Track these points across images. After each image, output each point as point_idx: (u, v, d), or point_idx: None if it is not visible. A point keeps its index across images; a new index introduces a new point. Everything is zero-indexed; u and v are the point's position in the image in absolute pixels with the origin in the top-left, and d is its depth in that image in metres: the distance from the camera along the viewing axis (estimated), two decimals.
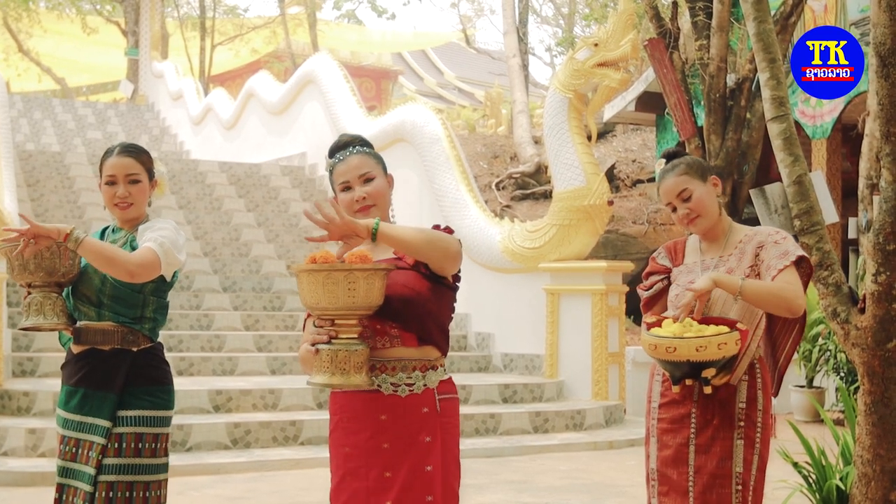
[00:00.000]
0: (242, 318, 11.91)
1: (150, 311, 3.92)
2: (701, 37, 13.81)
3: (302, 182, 17.06)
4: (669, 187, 3.93)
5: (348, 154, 3.37)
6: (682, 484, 3.83)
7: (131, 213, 3.98)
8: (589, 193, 10.88)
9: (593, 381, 10.85)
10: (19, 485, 7.50)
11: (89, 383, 3.88)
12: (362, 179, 3.33)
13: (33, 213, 13.69)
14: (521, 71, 22.78)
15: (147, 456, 3.86)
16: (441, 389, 3.29)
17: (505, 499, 7.29)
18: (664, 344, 3.63)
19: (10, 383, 9.23)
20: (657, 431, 3.93)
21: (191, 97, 23.60)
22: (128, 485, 3.81)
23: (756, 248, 3.90)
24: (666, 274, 4.06)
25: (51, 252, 3.75)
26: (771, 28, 5.18)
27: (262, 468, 8.26)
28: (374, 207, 3.31)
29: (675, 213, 3.94)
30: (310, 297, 3.00)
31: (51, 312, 3.80)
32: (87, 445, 3.84)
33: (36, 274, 3.77)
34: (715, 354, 3.60)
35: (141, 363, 3.90)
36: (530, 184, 19.24)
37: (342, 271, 2.96)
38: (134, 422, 3.85)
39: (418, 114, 13.79)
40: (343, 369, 3.01)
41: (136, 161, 3.98)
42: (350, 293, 2.98)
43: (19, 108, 24.51)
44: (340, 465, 3.25)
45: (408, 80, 45.95)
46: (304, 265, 2.99)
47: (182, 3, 35.61)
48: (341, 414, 3.26)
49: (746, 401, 3.85)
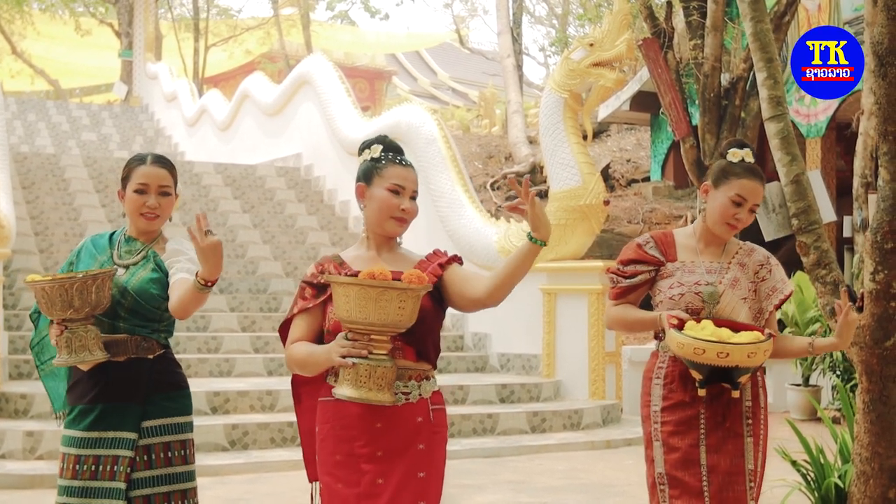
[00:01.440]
0: (239, 320, 11.90)
1: (166, 321, 3.89)
2: (695, 36, 13.84)
3: (297, 183, 17.05)
4: (752, 191, 3.85)
5: (407, 164, 3.41)
6: (696, 485, 3.80)
7: (156, 225, 3.90)
8: (585, 193, 10.89)
9: (590, 380, 10.86)
10: (17, 487, 7.49)
11: (108, 398, 3.78)
12: (413, 194, 3.38)
13: (29, 215, 13.68)
14: (515, 71, 22.81)
15: (179, 464, 3.80)
16: (433, 400, 3.35)
17: (503, 499, 7.30)
18: (715, 349, 3.57)
19: (8, 386, 9.22)
20: (662, 435, 3.87)
21: (185, 98, 23.57)
22: (165, 496, 3.75)
23: (757, 265, 3.93)
24: (656, 267, 3.96)
25: (77, 289, 3.61)
26: (768, 28, 5.21)
27: (260, 469, 8.25)
28: (405, 223, 3.39)
29: (735, 212, 3.84)
30: (357, 311, 3.01)
31: (95, 346, 3.68)
32: (111, 461, 3.74)
33: (65, 311, 3.63)
34: (758, 361, 3.62)
35: (159, 369, 3.84)
36: None
37: (397, 290, 3.01)
38: (159, 431, 3.79)
39: (414, 114, 13.80)
40: (380, 385, 3.06)
41: (169, 173, 3.89)
42: (399, 311, 3.03)
43: (13, 109, 24.49)
44: (331, 472, 3.27)
45: (402, 81, 45.98)
46: (357, 279, 3.02)
47: (175, 5, 35.63)
48: (333, 422, 3.27)
49: (751, 399, 3.87)
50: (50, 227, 13.51)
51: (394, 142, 3.47)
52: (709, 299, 3.82)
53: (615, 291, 4.02)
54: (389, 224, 3.34)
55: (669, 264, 3.95)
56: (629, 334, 12.08)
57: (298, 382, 3.50)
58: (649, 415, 3.92)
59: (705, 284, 3.85)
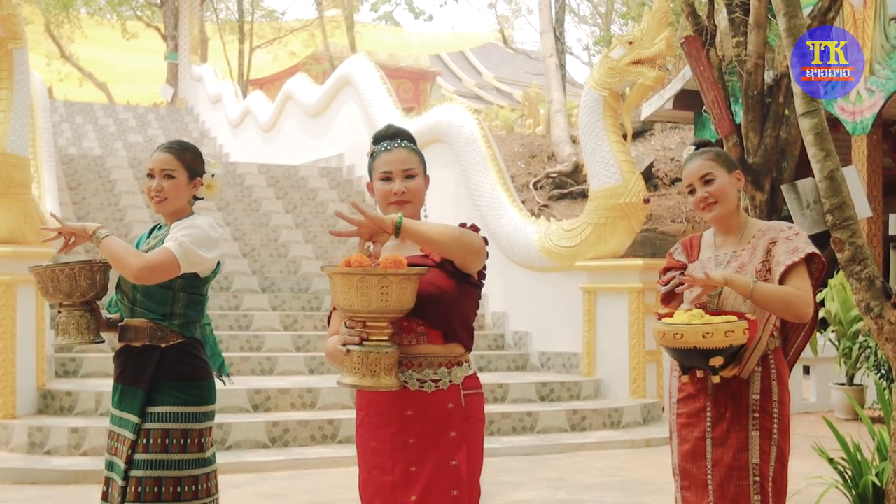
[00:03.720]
0: (281, 319, 12.00)
1: (181, 307, 3.95)
2: (738, 33, 13.74)
3: (339, 183, 17.15)
4: (693, 169, 3.96)
5: (396, 146, 3.39)
6: (702, 477, 3.86)
7: (166, 208, 4.01)
8: (625, 192, 10.87)
9: (631, 379, 10.83)
10: (63, 483, 7.62)
11: (124, 379, 3.97)
12: (404, 174, 3.35)
13: (75, 215, 13.87)
14: (557, 70, 22.75)
15: (175, 451, 3.87)
16: (466, 385, 3.31)
17: (541, 496, 7.31)
18: (672, 331, 3.65)
19: (53, 383, 9.37)
20: (676, 426, 3.97)
21: (229, 100, 23.77)
22: (156, 480, 3.83)
23: (768, 243, 3.91)
24: (682, 269, 4.04)
25: (65, 275, 3.86)
26: (802, 23, 5.17)
27: (299, 466, 8.33)
28: (409, 204, 3.34)
29: (692, 195, 3.96)
30: (343, 299, 3.03)
31: (74, 331, 3.93)
32: (122, 440, 3.92)
33: (56, 296, 3.91)
34: (722, 342, 3.61)
35: (169, 359, 3.92)
36: (568, 183, 19.22)
37: (376, 275, 2.99)
38: (160, 418, 3.88)
39: (455, 114, 13.83)
40: (374, 371, 3.05)
41: (175, 157, 4.02)
42: (383, 297, 3.01)
43: (62, 112, 24.83)
44: (367, 459, 3.30)
45: (446, 81, 46.02)
46: (337, 267, 3.02)
47: (221, 8, 35.92)
48: (368, 409, 3.30)
49: (760, 392, 3.85)
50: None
51: (388, 131, 3.45)
52: (711, 292, 3.86)
53: (661, 299, 4.14)
54: (391, 210, 3.32)
55: (690, 265, 4.05)
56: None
57: None
58: (670, 406, 4.04)
59: None
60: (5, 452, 8.34)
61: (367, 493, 3.28)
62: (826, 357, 11.46)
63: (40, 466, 7.82)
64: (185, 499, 3.88)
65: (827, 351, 11.28)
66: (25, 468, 7.80)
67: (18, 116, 9.06)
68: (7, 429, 8.46)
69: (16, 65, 9.12)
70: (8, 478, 7.72)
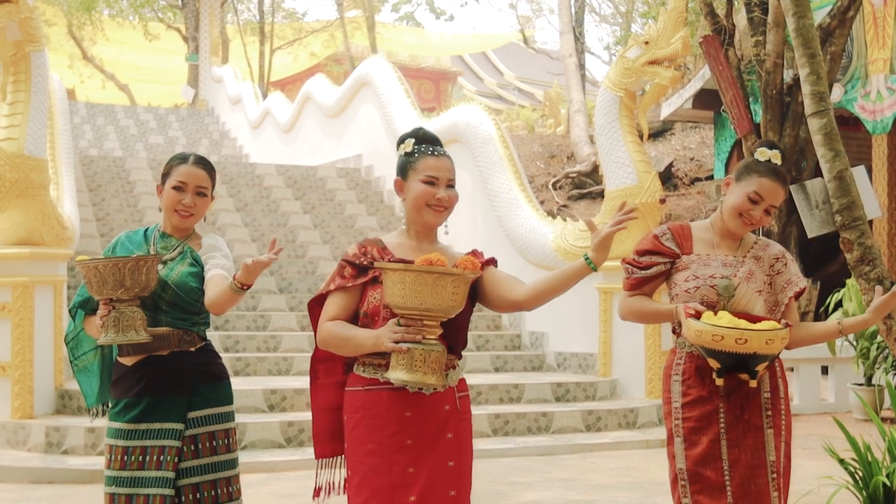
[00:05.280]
0: (298, 319, 12.04)
1: (204, 314, 4.01)
2: (757, 33, 13.71)
3: (358, 184, 17.19)
4: (772, 192, 3.85)
5: (442, 153, 3.48)
6: (718, 480, 3.81)
7: (189, 223, 4.03)
8: (641, 192, 10.84)
9: (647, 379, 10.80)
10: (79, 482, 7.68)
11: (155, 391, 3.90)
12: (448, 183, 3.44)
13: (95, 217, 13.96)
14: (577, 70, 22.75)
15: (223, 452, 3.95)
16: (459, 388, 3.42)
17: (553, 496, 7.30)
18: (734, 335, 3.55)
19: (71, 383, 9.43)
20: (683, 431, 3.87)
21: (249, 101, 23.85)
22: (212, 483, 3.90)
23: (773, 258, 3.94)
24: (672, 259, 3.94)
25: (129, 268, 3.72)
26: (811, 23, 5.16)
27: (314, 466, 8.31)
28: (446, 211, 3.44)
29: (750, 208, 3.84)
30: (413, 297, 3.07)
31: (128, 328, 3.75)
32: (157, 451, 3.86)
33: (116, 290, 3.72)
34: (777, 348, 3.62)
35: (201, 361, 3.97)
36: (587, 183, 19.22)
37: (452, 276, 3.08)
38: (204, 422, 3.93)
39: (472, 114, 13.84)
40: (433, 369, 3.11)
41: (208, 175, 4.03)
42: (453, 297, 3.11)
43: (83, 114, 24.96)
44: (362, 462, 3.32)
45: (467, 82, 46.06)
46: (422, 266, 3.08)
47: (242, 9, 36.05)
48: (363, 411, 3.33)
49: (770, 390, 3.87)
50: (115, 228, 13.76)
51: (428, 133, 3.53)
52: (724, 292, 3.81)
53: (630, 282, 4.01)
54: (427, 213, 3.40)
55: (685, 257, 3.94)
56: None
57: (318, 359, 3.57)
58: (670, 411, 3.93)
59: (720, 278, 3.84)
60: (23, 452, 8.41)
61: (362, 496, 3.30)
62: (844, 357, 11.42)
63: (57, 466, 7.88)
64: (235, 497, 3.97)
65: (845, 351, 11.23)
66: (43, 468, 7.86)
67: (36, 119, 9.11)
68: (25, 429, 8.53)
69: (34, 67, 9.17)
70: (25, 477, 7.79)
